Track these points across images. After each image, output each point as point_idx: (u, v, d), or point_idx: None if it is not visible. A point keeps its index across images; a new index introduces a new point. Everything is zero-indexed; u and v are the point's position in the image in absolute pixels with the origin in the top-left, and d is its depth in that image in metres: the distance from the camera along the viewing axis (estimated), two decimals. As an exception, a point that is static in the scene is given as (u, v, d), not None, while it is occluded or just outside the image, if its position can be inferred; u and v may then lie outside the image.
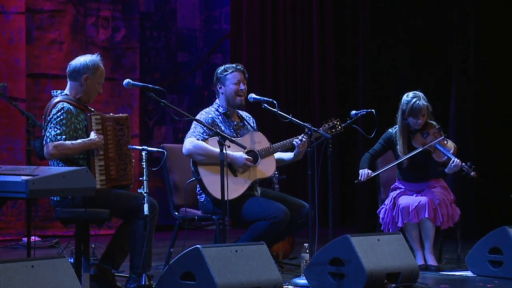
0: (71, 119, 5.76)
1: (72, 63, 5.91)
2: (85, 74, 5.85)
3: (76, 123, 5.79)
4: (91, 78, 5.86)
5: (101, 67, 5.91)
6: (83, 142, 5.72)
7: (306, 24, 10.76)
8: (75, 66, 5.88)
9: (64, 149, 5.68)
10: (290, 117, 6.23)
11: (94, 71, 5.87)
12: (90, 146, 5.73)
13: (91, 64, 5.87)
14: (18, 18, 9.27)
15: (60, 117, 5.72)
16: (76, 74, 5.87)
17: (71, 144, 5.69)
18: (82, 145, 5.71)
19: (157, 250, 6.59)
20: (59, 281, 4.33)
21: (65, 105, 5.77)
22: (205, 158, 6.17)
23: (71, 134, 5.74)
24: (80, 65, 5.86)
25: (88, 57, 5.91)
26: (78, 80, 5.86)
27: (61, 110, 5.74)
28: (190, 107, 10.43)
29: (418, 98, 6.97)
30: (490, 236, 6.59)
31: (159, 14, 10.46)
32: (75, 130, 5.78)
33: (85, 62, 5.87)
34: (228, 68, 6.42)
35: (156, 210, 5.78)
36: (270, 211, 6.10)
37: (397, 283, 5.83)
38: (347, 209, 10.87)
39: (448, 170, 6.92)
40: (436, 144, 6.97)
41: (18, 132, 9.21)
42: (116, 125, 5.88)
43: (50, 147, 5.67)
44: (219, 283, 5.09)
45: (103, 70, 5.95)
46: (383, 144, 7.10)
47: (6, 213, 9.15)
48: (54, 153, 5.68)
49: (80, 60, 5.89)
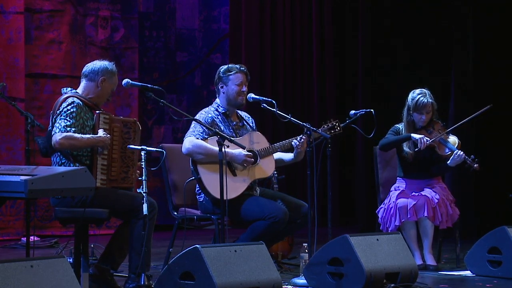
0: (80, 113, 5.79)
1: (90, 64, 5.98)
2: (103, 76, 5.90)
3: (85, 119, 5.82)
4: (107, 81, 5.92)
5: (116, 75, 6.01)
6: (92, 137, 5.73)
7: (305, 24, 10.76)
8: (94, 67, 5.94)
9: (73, 140, 5.68)
10: (289, 117, 6.23)
11: (112, 76, 5.95)
12: (97, 143, 5.74)
13: (110, 68, 5.96)
14: (17, 18, 9.27)
15: (71, 110, 5.76)
16: (93, 74, 5.91)
17: (80, 137, 5.70)
18: (90, 140, 5.72)
19: (156, 250, 6.59)
20: (58, 281, 4.33)
21: (75, 100, 5.81)
22: (204, 157, 6.17)
23: (79, 129, 5.76)
24: (100, 67, 5.93)
25: (107, 62, 5.99)
26: (94, 80, 5.91)
27: (72, 104, 5.77)
28: (189, 106, 10.44)
29: (423, 94, 7.01)
30: (489, 236, 6.59)
31: (158, 14, 10.46)
32: (83, 126, 5.79)
33: (104, 66, 5.94)
34: (231, 68, 6.42)
35: (155, 210, 5.78)
36: (269, 211, 6.10)
37: (396, 283, 5.83)
38: (346, 209, 10.88)
39: (451, 163, 6.93)
40: (440, 139, 7.00)
41: (17, 132, 9.21)
42: (124, 128, 5.90)
43: (59, 137, 5.67)
44: (218, 283, 5.09)
45: (117, 79, 6.03)
46: (394, 135, 7.10)
47: (5, 213, 9.15)
48: (62, 142, 5.67)
49: (100, 63, 5.97)
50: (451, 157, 6.93)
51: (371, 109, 6.67)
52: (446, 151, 7.01)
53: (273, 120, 9.91)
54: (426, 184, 7.09)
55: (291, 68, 10.69)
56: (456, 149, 6.95)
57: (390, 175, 7.32)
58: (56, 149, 5.74)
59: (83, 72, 5.97)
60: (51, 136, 5.73)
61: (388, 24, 10.13)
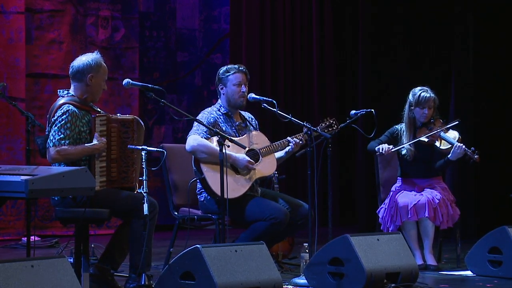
0: (75, 122, 5.75)
1: (74, 64, 5.88)
2: (90, 74, 5.83)
3: (81, 126, 5.78)
4: (95, 77, 5.85)
5: (103, 64, 5.91)
6: (86, 147, 5.71)
7: (305, 24, 10.76)
8: (78, 67, 5.85)
9: (67, 154, 5.68)
10: (289, 116, 6.23)
11: (98, 69, 5.86)
12: (93, 152, 5.73)
13: (94, 62, 5.85)
14: (17, 18, 9.27)
15: (65, 120, 5.71)
16: (80, 75, 5.84)
17: (74, 149, 5.68)
18: (85, 150, 5.71)
19: (157, 250, 6.59)
20: (59, 281, 4.33)
21: (70, 107, 5.75)
22: (208, 156, 6.16)
23: (75, 138, 5.73)
24: (83, 65, 5.84)
25: (89, 56, 5.88)
26: (82, 80, 5.84)
27: (66, 113, 5.73)
28: (189, 106, 10.44)
29: (425, 90, 7.06)
30: (489, 236, 6.59)
31: (158, 13, 10.46)
32: (79, 133, 5.76)
33: (87, 62, 5.84)
34: (230, 69, 6.42)
35: (156, 210, 5.78)
36: (270, 212, 6.09)
37: (397, 283, 5.83)
38: (347, 209, 10.88)
39: (452, 156, 6.94)
40: (440, 133, 7.01)
41: (18, 132, 9.21)
42: (122, 127, 5.87)
43: (53, 152, 5.67)
44: (219, 282, 5.09)
45: (106, 67, 5.93)
46: (389, 136, 7.12)
47: (5, 213, 9.15)
48: (57, 157, 5.69)
49: (82, 60, 5.87)
50: (452, 150, 6.94)
51: (372, 109, 6.67)
52: (446, 145, 7.02)
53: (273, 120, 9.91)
54: (426, 184, 7.09)
55: (291, 68, 10.69)
56: (456, 142, 6.96)
57: (391, 175, 7.32)
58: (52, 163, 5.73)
59: (70, 74, 5.89)
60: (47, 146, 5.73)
61: (388, 24, 10.12)
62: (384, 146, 6.91)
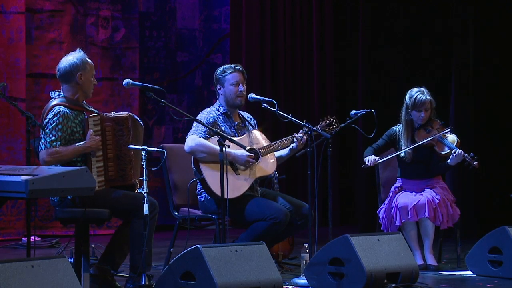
0: (67, 123, 5.75)
1: (61, 66, 5.89)
2: (78, 72, 5.84)
3: (73, 127, 5.78)
4: (84, 74, 5.86)
5: (89, 60, 5.92)
6: (78, 146, 5.71)
7: (305, 24, 10.76)
8: (66, 68, 5.86)
9: (59, 155, 5.68)
10: (289, 116, 6.23)
11: (85, 66, 5.87)
12: (85, 150, 5.73)
13: (80, 61, 5.87)
14: (17, 17, 9.27)
15: (56, 121, 5.71)
16: (68, 75, 5.85)
17: (65, 150, 5.68)
18: (77, 150, 5.71)
19: (157, 250, 6.59)
20: (59, 281, 4.33)
21: (61, 108, 5.75)
22: (207, 155, 6.16)
23: (67, 139, 5.73)
24: (70, 65, 5.85)
25: (74, 55, 5.90)
26: (72, 80, 5.85)
27: (57, 115, 5.73)
28: (190, 106, 10.44)
29: (421, 92, 7.03)
30: (490, 236, 6.59)
31: (158, 13, 10.45)
32: (72, 133, 5.76)
33: (74, 61, 5.86)
34: (226, 69, 6.42)
35: (156, 210, 5.78)
36: (270, 212, 6.09)
37: (397, 283, 5.84)
38: (347, 209, 10.88)
39: (451, 161, 6.94)
40: (439, 137, 7.00)
41: (18, 132, 9.21)
42: (116, 126, 5.86)
43: (45, 155, 5.68)
44: (219, 283, 5.09)
45: (92, 63, 5.96)
46: (386, 140, 7.12)
47: (6, 213, 9.15)
48: (48, 160, 5.68)
49: (68, 60, 5.88)
50: (451, 155, 6.94)
51: (372, 109, 6.67)
52: (445, 149, 7.01)
53: (273, 120, 9.91)
54: (426, 184, 7.09)
55: (291, 68, 10.68)
56: (455, 147, 6.95)
57: (391, 175, 7.32)
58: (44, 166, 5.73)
59: (58, 77, 5.90)
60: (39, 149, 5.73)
61: (388, 24, 10.12)
62: (370, 158, 6.93)
